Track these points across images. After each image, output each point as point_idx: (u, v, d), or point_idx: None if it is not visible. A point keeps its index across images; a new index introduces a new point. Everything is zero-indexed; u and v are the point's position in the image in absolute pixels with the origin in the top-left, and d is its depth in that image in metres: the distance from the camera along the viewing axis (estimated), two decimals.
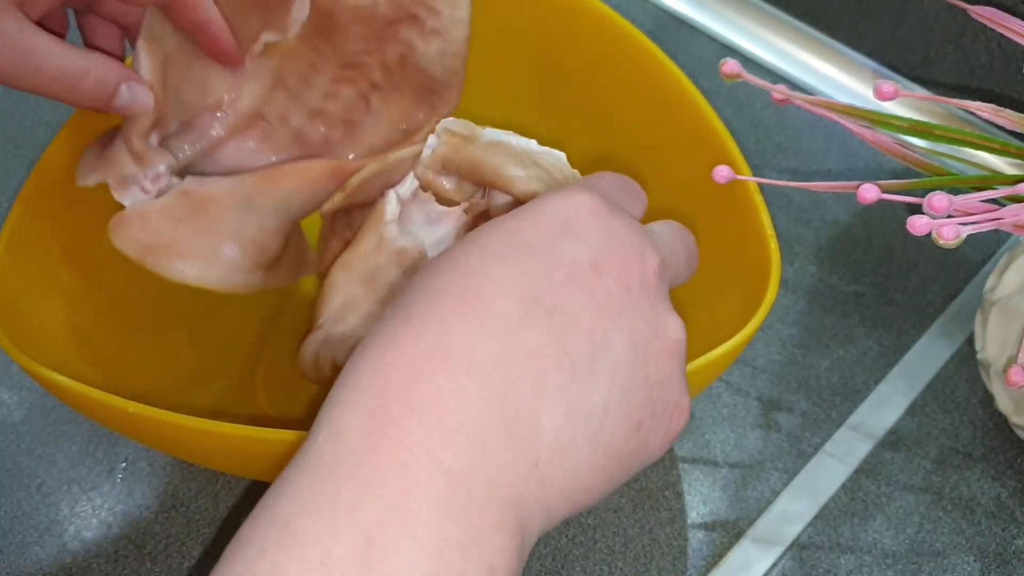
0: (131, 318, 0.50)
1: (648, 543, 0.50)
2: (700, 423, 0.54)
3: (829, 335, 0.57)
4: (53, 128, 0.63)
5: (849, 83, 0.68)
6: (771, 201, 0.46)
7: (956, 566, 0.50)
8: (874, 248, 0.61)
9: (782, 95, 0.42)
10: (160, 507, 0.50)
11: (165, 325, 0.51)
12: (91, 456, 0.52)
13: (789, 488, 0.52)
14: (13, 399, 0.53)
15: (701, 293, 0.50)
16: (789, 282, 0.59)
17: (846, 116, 0.42)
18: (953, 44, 0.64)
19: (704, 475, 0.52)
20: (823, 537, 0.51)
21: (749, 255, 0.45)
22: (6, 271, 0.43)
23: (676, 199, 0.52)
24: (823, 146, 0.65)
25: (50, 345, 0.44)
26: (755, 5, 0.70)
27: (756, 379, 0.56)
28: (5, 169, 0.62)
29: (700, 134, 0.48)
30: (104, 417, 0.42)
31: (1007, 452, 0.53)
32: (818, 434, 0.54)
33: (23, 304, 0.44)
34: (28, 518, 0.50)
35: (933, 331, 0.58)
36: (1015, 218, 0.37)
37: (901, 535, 0.51)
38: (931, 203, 0.36)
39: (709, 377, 0.45)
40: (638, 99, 0.52)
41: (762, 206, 0.45)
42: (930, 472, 0.53)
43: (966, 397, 0.55)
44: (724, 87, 0.51)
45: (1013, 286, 0.49)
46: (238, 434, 0.38)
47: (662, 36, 0.70)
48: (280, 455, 0.36)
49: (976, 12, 0.41)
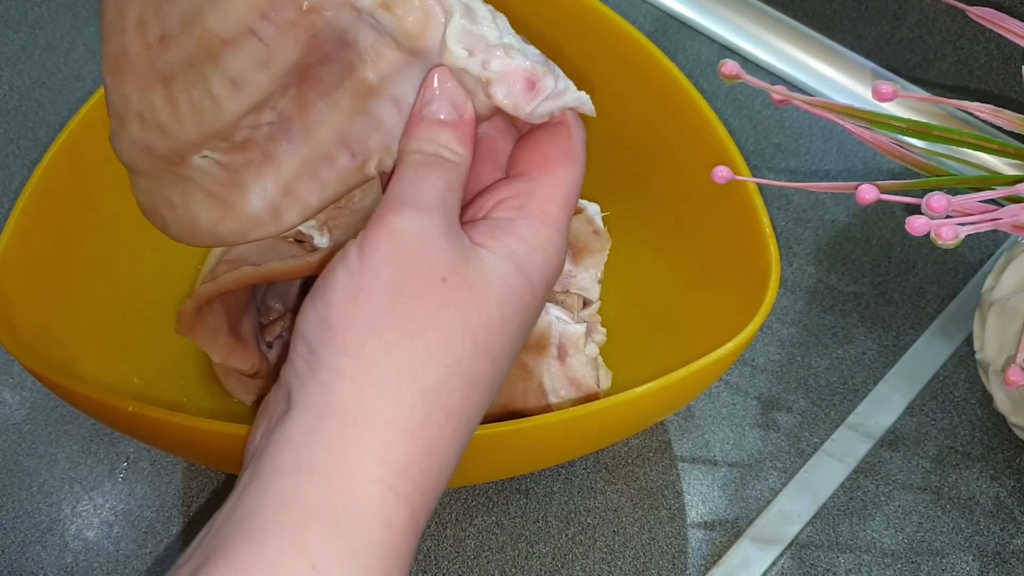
0: (131, 318, 0.50)
1: (648, 542, 0.50)
2: (700, 423, 0.54)
3: (828, 335, 0.57)
4: (55, 129, 0.64)
5: (848, 84, 0.68)
6: (770, 201, 0.46)
7: (955, 565, 0.50)
8: (873, 248, 0.61)
9: (781, 96, 0.42)
10: (161, 506, 0.50)
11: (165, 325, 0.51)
12: (92, 456, 0.52)
13: (788, 487, 0.52)
14: (15, 399, 0.53)
15: (701, 293, 0.50)
16: (788, 282, 0.59)
17: (845, 117, 0.42)
18: (952, 45, 0.64)
19: (703, 474, 0.52)
20: (822, 536, 0.51)
21: (749, 255, 0.45)
22: (6, 271, 0.44)
23: (676, 199, 0.53)
24: (822, 147, 0.65)
25: (50, 345, 0.44)
26: (755, 6, 0.71)
27: (755, 379, 0.56)
28: (6, 169, 0.62)
29: (699, 134, 0.49)
30: (105, 416, 0.42)
31: (1005, 451, 0.54)
32: (817, 434, 0.54)
33: (23, 304, 0.44)
34: (30, 517, 0.50)
35: (932, 331, 0.58)
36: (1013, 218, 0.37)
37: (900, 534, 0.51)
38: (930, 203, 0.36)
39: (711, 377, 0.45)
40: (638, 100, 0.52)
41: (761, 207, 0.45)
42: (929, 471, 0.53)
43: (965, 397, 0.55)
44: (724, 87, 0.51)
45: (1011, 286, 0.49)
46: (240, 433, 0.38)
47: (662, 36, 0.70)
48: None
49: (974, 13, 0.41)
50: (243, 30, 0.32)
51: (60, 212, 0.47)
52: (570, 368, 0.49)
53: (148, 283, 0.52)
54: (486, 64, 0.32)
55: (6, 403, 0.53)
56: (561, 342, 0.49)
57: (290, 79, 0.33)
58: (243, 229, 0.36)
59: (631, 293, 0.54)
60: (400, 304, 0.30)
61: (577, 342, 0.49)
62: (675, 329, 0.51)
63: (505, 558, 0.49)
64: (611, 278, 0.54)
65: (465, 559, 0.49)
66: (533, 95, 0.32)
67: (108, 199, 0.50)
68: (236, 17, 0.32)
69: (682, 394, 0.45)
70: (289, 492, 0.29)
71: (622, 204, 0.54)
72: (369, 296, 0.30)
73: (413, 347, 0.30)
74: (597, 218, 0.54)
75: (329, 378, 0.30)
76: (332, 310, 0.31)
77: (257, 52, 0.32)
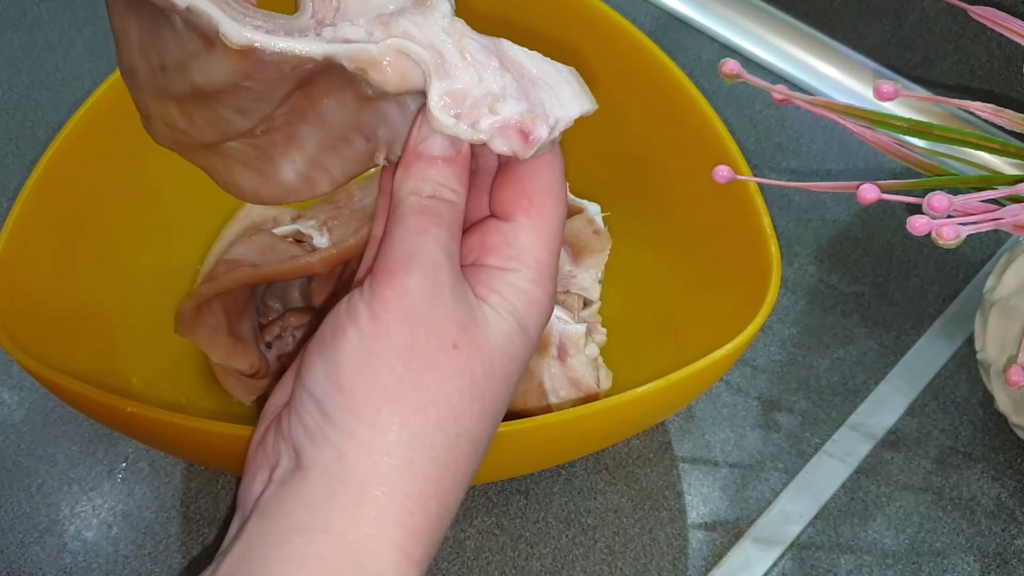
0: (131, 318, 0.50)
1: (648, 543, 0.50)
2: (700, 423, 0.54)
3: (829, 335, 0.57)
4: (53, 128, 0.64)
5: (849, 83, 0.68)
6: (771, 201, 0.46)
7: (956, 566, 0.50)
8: (874, 248, 0.61)
9: (782, 95, 0.42)
10: (160, 507, 0.50)
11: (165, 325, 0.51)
12: (91, 456, 0.52)
13: (789, 488, 0.52)
14: (14, 399, 0.53)
15: (702, 293, 0.50)
16: (789, 282, 0.59)
17: (846, 116, 0.42)
18: (953, 44, 0.64)
19: (704, 475, 0.52)
20: (823, 537, 0.51)
21: (749, 255, 0.45)
22: (5, 271, 0.43)
23: (676, 199, 0.52)
24: (823, 146, 0.65)
25: (50, 345, 0.44)
26: (755, 5, 0.70)
27: (756, 379, 0.56)
28: (5, 169, 0.62)
29: (700, 134, 0.48)
30: (104, 417, 0.42)
31: (1007, 452, 0.53)
32: (818, 434, 0.54)
33: (23, 304, 0.44)
34: (28, 518, 0.50)
35: (933, 331, 0.58)
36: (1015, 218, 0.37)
37: (901, 535, 0.51)
38: (931, 203, 0.36)
39: (711, 378, 0.45)
40: (638, 99, 0.52)
41: (762, 206, 0.45)
42: (930, 472, 0.53)
43: (966, 397, 0.55)
44: (724, 87, 0.51)
45: (1013, 286, 0.49)
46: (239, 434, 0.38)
47: (662, 36, 0.70)
48: None
49: (976, 12, 0.41)
50: (231, 86, 0.32)
51: (59, 212, 0.47)
52: (570, 368, 0.49)
53: (147, 283, 0.52)
54: (476, 126, 0.32)
55: (5, 403, 0.53)
56: (561, 342, 0.49)
57: (295, 90, 0.33)
58: (283, 195, 0.37)
59: (631, 293, 0.54)
60: (414, 372, 0.31)
61: (577, 342, 0.49)
62: (675, 329, 0.51)
63: (505, 559, 0.49)
64: (611, 278, 0.54)
65: (465, 560, 0.49)
66: (529, 145, 0.32)
67: (107, 199, 0.50)
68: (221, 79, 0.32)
69: (682, 395, 0.45)
70: (309, 551, 0.30)
71: (622, 204, 0.54)
72: (383, 362, 0.31)
73: (427, 416, 0.31)
74: (598, 218, 0.54)
75: (343, 443, 0.30)
76: (344, 373, 0.31)
77: (253, 94, 0.33)
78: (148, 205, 0.52)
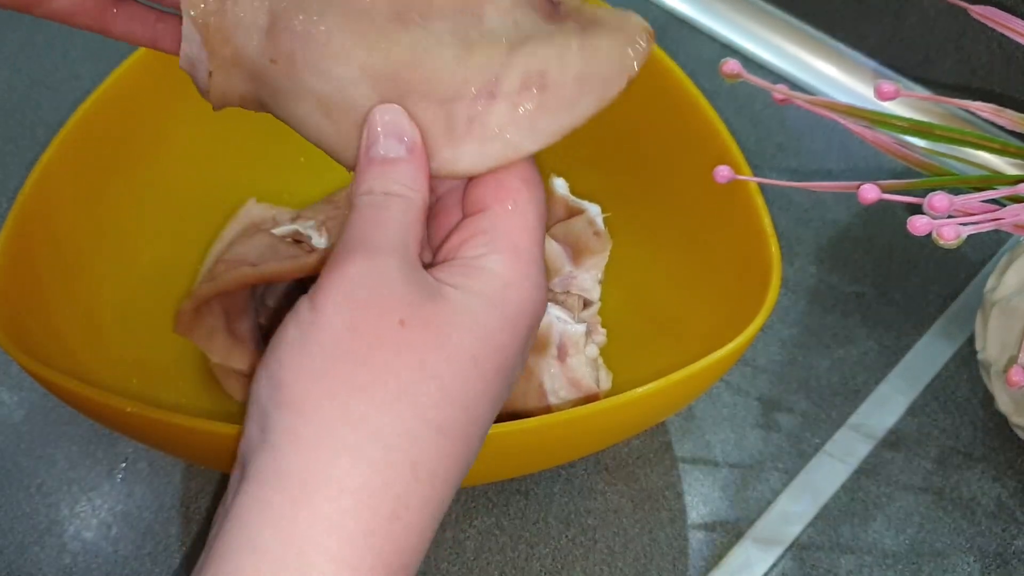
0: (130, 318, 0.50)
1: (648, 543, 0.50)
2: (700, 423, 0.54)
3: (829, 335, 0.57)
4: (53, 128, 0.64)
5: (849, 83, 0.68)
6: (771, 201, 0.46)
7: (956, 566, 0.50)
8: (874, 248, 0.61)
9: (782, 95, 0.42)
10: (160, 507, 0.50)
11: (164, 325, 0.51)
12: (91, 456, 0.52)
13: (789, 488, 0.52)
14: (13, 399, 0.53)
15: (702, 293, 0.50)
16: (789, 282, 0.59)
17: (846, 116, 0.42)
18: (953, 44, 0.64)
19: (704, 475, 0.52)
20: (823, 537, 0.51)
21: (750, 255, 0.45)
22: (4, 271, 0.43)
23: (676, 199, 0.52)
24: (823, 146, 0.65)
25: (50, 345, 0.44)
26: (756, 5, 0.70)
27: (756, 379, 0.55)
28: (5, 169, 0.62)
29: (701, 134, 0.48)
30: (103, 417, 0.42)
31: (1007, 452, 0.53)
32: (818, 434, 0.54)
33: (23, 304, 0.44)
34: (28, 518, 0.50)
35: (933, 331, 0.57)
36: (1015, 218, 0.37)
37: (901, 535, 0.51)
38: (931, 203, 0.35)
39: (711, 378, 0.45)
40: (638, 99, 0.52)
41: (763, 206, 0.45)
42: (930, 472, 0.53)
43: (966, 397, 0.55)
44: (724, 87, 0.51)
45: (1013, 286, 0.49)
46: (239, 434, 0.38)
47: (662, 36, 0.70)
48: None
49: (976, 12, 0.41)
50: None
51: (58, 212, 0.47)
52: (570, 368, 0.49)
53: (147, 283, 0.52)
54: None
55: (4, 403, 0.53)
56: (561, 342, 0.49)
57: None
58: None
59: (632, 294, 0.54)
60: (354, 352, 0.28)
61: (577, 342, 0.49)
62: (675, 329, 0.51)
63: (505, 559, 0.49)
64: (612, 279, 0.54)
65: (465, 560, 0.49)
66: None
67: (106, 199, 0.50)
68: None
69: (683, 395, 0.45)
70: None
71: (623, 205, 0.54)
72: (321, 348, 0.28)
73: (371, 397, 0.28)
74: (598, 219, 0.54)
75: (280, 441, 0.28)
76: (283, 367, 0.28)
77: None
78: (147, 205, 0.52)
